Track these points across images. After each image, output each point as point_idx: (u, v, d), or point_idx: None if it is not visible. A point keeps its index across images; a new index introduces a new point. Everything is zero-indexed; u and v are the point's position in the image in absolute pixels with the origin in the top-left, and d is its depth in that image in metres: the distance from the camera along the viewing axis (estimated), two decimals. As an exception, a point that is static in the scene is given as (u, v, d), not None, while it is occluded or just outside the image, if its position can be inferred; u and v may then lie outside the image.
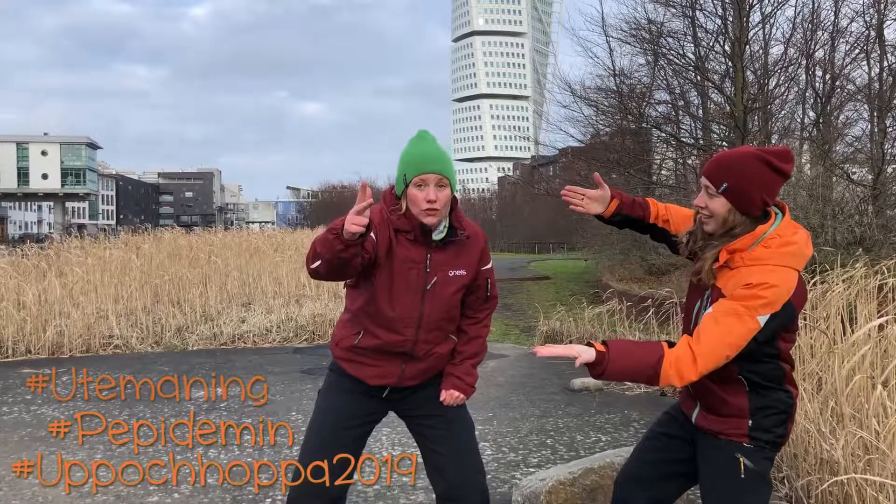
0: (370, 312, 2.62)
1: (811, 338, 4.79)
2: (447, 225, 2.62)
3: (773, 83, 16.65)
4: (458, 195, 2.72)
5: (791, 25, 16.24)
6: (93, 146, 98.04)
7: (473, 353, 2.80)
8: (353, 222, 2.19)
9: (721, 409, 2.44)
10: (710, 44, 17.16)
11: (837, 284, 5.29)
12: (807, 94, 16.32)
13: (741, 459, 2.37)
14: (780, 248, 2.24)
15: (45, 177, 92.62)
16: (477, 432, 2.84)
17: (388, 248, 2.54)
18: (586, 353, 2.24)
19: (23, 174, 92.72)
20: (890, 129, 14.74)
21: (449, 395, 2.71)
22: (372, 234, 2.41)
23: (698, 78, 17.15)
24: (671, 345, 2.26)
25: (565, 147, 25.15)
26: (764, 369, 2.37)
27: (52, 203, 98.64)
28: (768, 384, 2.39)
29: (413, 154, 2.54)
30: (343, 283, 2.73)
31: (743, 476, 2.35)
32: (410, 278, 2.57)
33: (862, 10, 15.23)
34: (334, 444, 2.67)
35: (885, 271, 5.50)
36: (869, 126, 15.65)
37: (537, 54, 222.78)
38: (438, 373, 2.78)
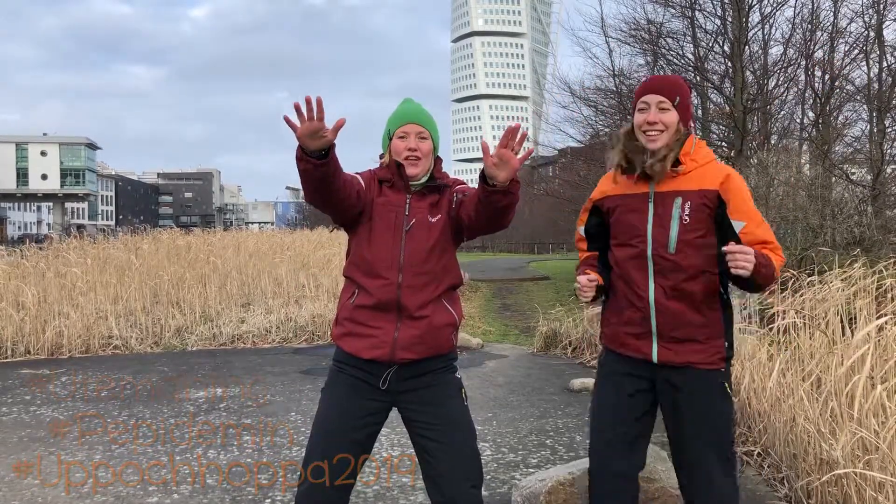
0: (356, 262, 2.69)
1: (810, 338, 4.79)
2: (429, 176, 2.71)
3: (773, 83, 16.68)
4: (441, 156, 2.79)
5: (790, 26, 16.28)
6: (92, 146, 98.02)
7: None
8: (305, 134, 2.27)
9: (697, 334, 2.51)
10: (710, 44, 17.19)
11: (836, 284, 5.29)
12: (806, 94, 16.35)
13: (725, 385, 2.54)
14: (707, 148, 2.64)
15: (44, 177, 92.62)
16: (476, 433, 2.80)
17: (372, 195, 2.67)
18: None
19: (22, 174, 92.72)
20: (889, 130, 14.76)
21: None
22: (361, 181, 2.62)
23: (698, 78, 17.16)
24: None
25: (564, 147, 25.17)
26: (722, 272, 2.52)
27: (51, 203, 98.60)
28: (727, 294, 2.59)
29: (396, 111, 2.73)
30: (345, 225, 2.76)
31: (726, 401, 2.55)
32: (389, 220, 2.64)
33: (861, 10, 15.26)
34: (339, 442, 2.64)
35: (884, 271, 5.50)
36: (868, 126, 15.67)
37: (537, 55, 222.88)
38: (437, 360, 2.67)
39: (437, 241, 2.65)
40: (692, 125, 2.67)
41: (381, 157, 2.78)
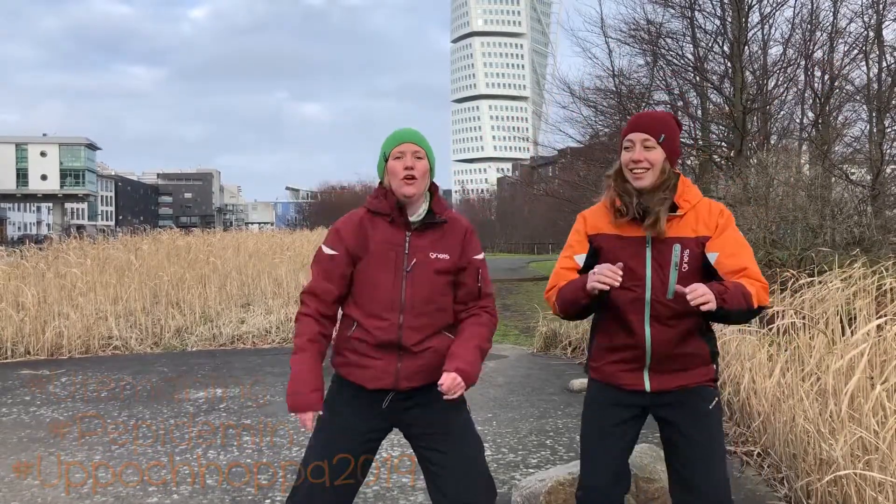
0: (356, 302, 2.67)
1: (810, 338, 4.79)
2: (426, 209, 2.68)
3: (772, 84, 16.69)
4: (441, 187, 2.82)
5: (790, 26, 16.28)
6: (92, 147, 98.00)
7: (480, 337, 2.64)
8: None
9: (687, 364, 2.59)
10: (709, 44, 17.19)
11: (836, 284, 5.30)
12: (806, 94, 16.36)
13: (715, 399, 2.62)
14: (694, 186, 2.64)
15: (44, 178, 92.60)
16: (483, 447, 2.80)
17: (365, 242, 2.65)
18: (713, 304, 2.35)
19: (22, 175, 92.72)
20: (889, 130, 14.77)
21: (449, 379, 2.45)
22: (337, 254, 2.65)
23: (697, 78, 17.17)
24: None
25: (564, 148, 25.17)
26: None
27: (51, 204, 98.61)
28: (709, 326, 2.65)
29: (390, 135, 2.74)
30: None
31: (716, 410, 2.62)
32: (389, 259, 2.62)
33: (861, 10, 15.27)
34: (339, 448, 2.64)
35: (884, 271, 5.50)
36: (868, 126, 15.68)
37: (536, 55, 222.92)
38: (438, 382, 2.64)
39: (438, 280, 2.64)
40: (678, 164, 2.67)
41: (380, 184, 2.74)
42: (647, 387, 2.61)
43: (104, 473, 4.60)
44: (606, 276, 2.41)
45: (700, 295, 2.30)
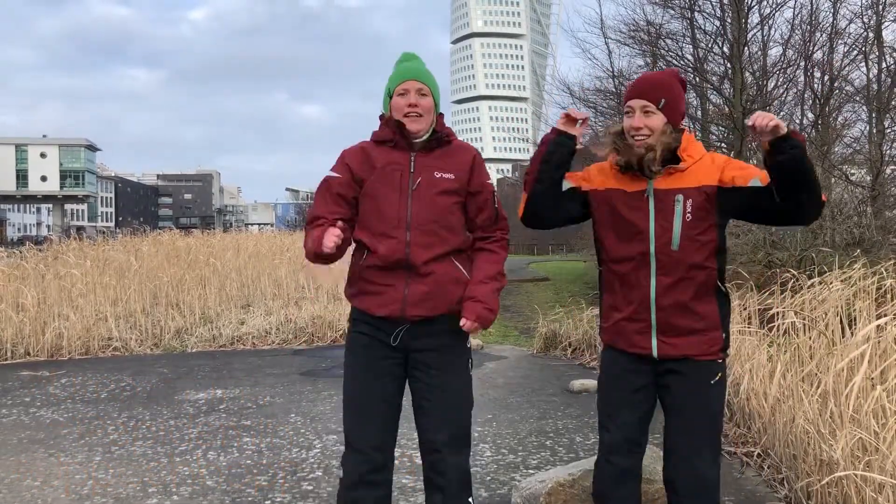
0: (364, 224, 2.70)
1: (810, 338, 4.79)
2: (430, 131, 2.71)
3: (772, 84, 16.68)
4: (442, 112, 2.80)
5: (789, 27, 16.27)
6: (92, 148, 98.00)
7: (493, 274, 2.72)
8: (326, 243, 2.53)
9: (696, 326, 2.56)
10: (709, 45, 17.19)
11: (836, 285, 5.29)
12: (805, 95, 16.33)
13: (719, 375, 2.60)
14: (698, 143, 2.63)
15: (43, 179, 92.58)
16: (476, 433, 2.85)
17: (369, 165, 2.68)
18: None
19: (21, 176, 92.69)
20: (888, 131, 14.76)
21: (469, 323, 2.62)
22: (341, 177, 2.70)
23: (697, 79, 17.16)
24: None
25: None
26: (721, 262, 2.59)
27: (50, 205, 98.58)
28: (722, 283, 2.62)
29: (395, 69, 2.72)
30: None
31: (720, 392, 2.63)
32: (394, 179, 2.65)
33: (860, 11, 15.26)
34: (372, 402, 2.70)
35: (884, 272, 5.50)
36: (867, 127, 15.67)
37: (536, 56, 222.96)
38: (446, 317, 2.69)
39: (445, 199, 2.65)
40: (685, 122, 2.66)
41: (381, 116, 2.76)
42: (655, 351, 2.57)
43: (104, 475, 4.60)
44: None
45: (763, 116, 2.27)
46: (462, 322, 2.64)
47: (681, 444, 2.61)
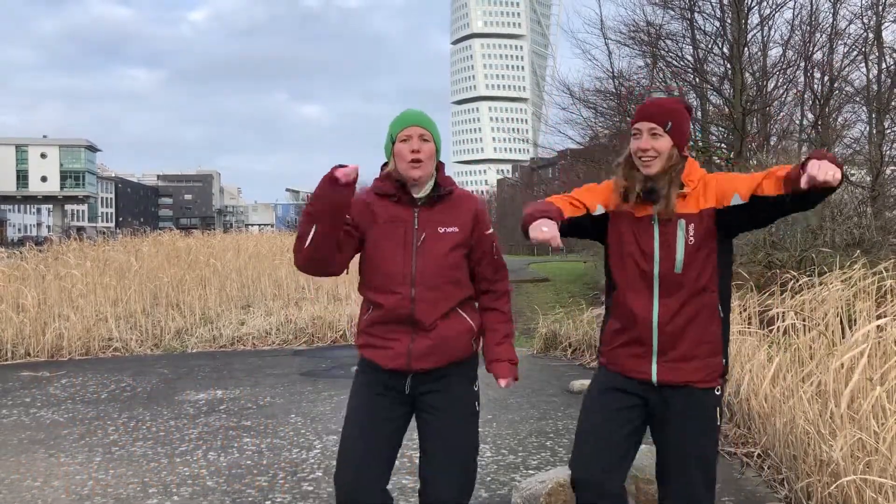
0: (368, 282, 2.71)
1: (810, 339, 4.79)
2: (433, 184, 2.71)
3: (772, 85, 16.68)
4: (444, 161, 2.80)
5: (789, 27, 16.27)
6: (92, 148, 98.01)
7: (509, 332, 2.84)
8: (343, 171, 2.46)
9: (697, 352, 2.55)
10: (709, 46, 17.18)
11: (836, 286, 5.30)
12: (805, 95, 16.34)
13: (718, 409, 2.59)
14: (696, 165, 2.65)
15: (44, 179, 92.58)
16: (478, 447, 2.84)
17: (371, 218, 2.68)
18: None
19: (22, 177, 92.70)
20: (888, 131, 14.76)
21: (506, 382, 2.76)
22: (349, 217, 2.65)
23: (697, 80, 17.17)
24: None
25: (564, 149, 25.14)
26: (724, 286, 2.60)
27: (51, 206, 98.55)
28: (724, 307, 2.61)
29: (397, 116, 2.75)
30: (332, 275, 2.78)
31: (716, 421, 2.60)
32: (398, 236, 2.65)
33: (860, 11, 15.26)
34: (371, 444, 2.68)
35: (884, 272, 5.51)
36: (867, 128, 15.68)
37: (536, 56, 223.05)
38: (453, 364, 2.71)
39: (449, 254, 2.66)
40: (688, 148, 2.67)
41: (384, 165, 2.76)
42: (654, 377, 2.57)
43: (104, 475, 4.60)
44: (544, 233, 2.39)
45: (825, 169, 2.12)
46: (500, 383, 2.77)
47: (675, 473, 2.58)
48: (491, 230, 2.81)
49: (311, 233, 2.54)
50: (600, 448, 2.59)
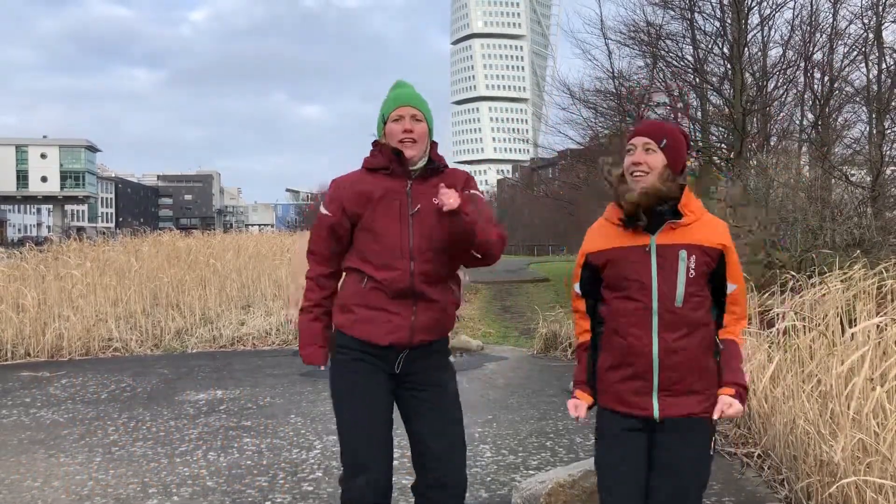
0: (364, 256, 2.68)
1: (810, 339, 4.79)
2: (426, 159, 2.71)
3: (772, 85, 16.71)
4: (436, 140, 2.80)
5: (789, 28, 16.29)
6: (92, 149, 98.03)
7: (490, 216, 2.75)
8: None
9: (697, 386, 2.51)
10: (709, 46, 17.20)
11: (836, 286, 5.29)
12: (805, 95, 16.36)
13: (714, 438, 2.57)
14: (696, 199, 2.60)
15: (44, 179, 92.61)
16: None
17: (364, 197, 2.66)
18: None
19: (22, 177, 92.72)
20: (888, 131, 14.77)
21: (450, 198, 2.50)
22: (332, 216, 2.70)
23: (697, 80, 17.19)
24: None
25: (564, 149, 25.16)
26: (718, 317, 2.58)
27: (51, 206, 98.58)
28: (721, 344, 2.58)
29: (389, 95, 2.73)
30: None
31: (709, 450, 2.57)
32: (393, 208, 2.64)
33: (860, 12, 15.28)
34: (371, 426, 2.69)
35: (884, 273, 5.50)
36: (867, 128, 15.69)
37: (536, 57, 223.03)
38: (442, 341, 2.77)
39: (444, 226, 2.63)
40: (684, 171, 2.61)
41: (375, 143, 2.75)
42: (656, 413, 2.49)
43: (104, 475, 4.60)
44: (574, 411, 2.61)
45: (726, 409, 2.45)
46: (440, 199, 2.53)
47: (666, 500, 2.54)
48: (482, 193, 2.82)
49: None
50: (629, 493, 2.54)
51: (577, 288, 2.70)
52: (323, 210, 2.76)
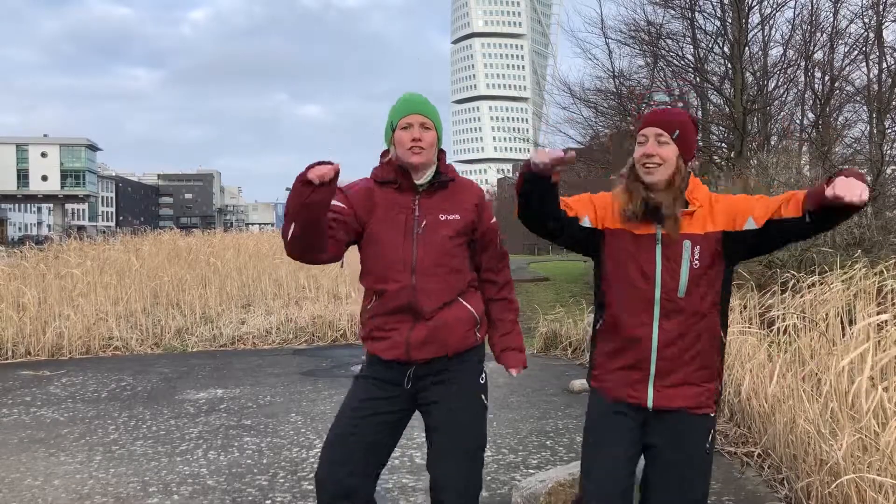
0: (369, 270, 2.68)
1: (810, 339, 4.79)
2: (434, 171, 2.68)
3: (773, 84, 16.70)
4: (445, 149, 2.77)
5: (790, 27, 16.29)
6: (92, 148, 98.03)
7: (515, 319, 2.91)
8: (318, 172, 2.33)
9: (695, 378, 2.47)
10: (710, 45, 17.20)
11: (837, 285, 5.29)
12: (806, 95, 16.35)
13: (710, 433, 2.51)
14: (699, 183, 2.57)
15: (44, 178, 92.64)
16: (486, 439, 2.82)
17: (371, 207, 2.64)
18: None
19: (22, 176, 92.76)
20: (889, 131, 14.77)
21: (517, 370, 2.93)
22: (344, 206, 2.60)
23: (697, 79, 17.19)
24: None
25: (565, 149, 25.12)
26: (724, 310, 2.54)
27: (51, 205, 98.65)
28: (724, 332, 2.55)
29: (398, 103, 2.69)
30: (324, 263, 2.71)
31: (709, 451, 2.52)
32: (399, 222, 2.61)
33: (861, 11, 15.28)
34: (354, 433, 2.62)
35: (885, 272, 5.50)
36: (868, 127, 15.68)
37: (537, 56, 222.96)
38: (456, 356, 2.69)
39: (450, 241, 2.63)
40: (693, 162, 2.60)
41: (384, 154, 2.73)
42: (650, 402, 2.47)
43: (104, 474, 4.60)
44: (547, 153, 2.32)
45: (847, 190, 2.12)
46: (511, 372, 2.94)
47: (663, 500, 2.51)
48: (494, 219, 2.80)
49: (291, 229, 2.48)
50: (610, 475, 2.51)
51: (587, 223, 2.58)
52: (334, 201, 2.67)
